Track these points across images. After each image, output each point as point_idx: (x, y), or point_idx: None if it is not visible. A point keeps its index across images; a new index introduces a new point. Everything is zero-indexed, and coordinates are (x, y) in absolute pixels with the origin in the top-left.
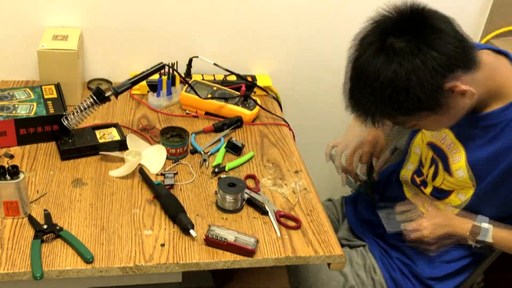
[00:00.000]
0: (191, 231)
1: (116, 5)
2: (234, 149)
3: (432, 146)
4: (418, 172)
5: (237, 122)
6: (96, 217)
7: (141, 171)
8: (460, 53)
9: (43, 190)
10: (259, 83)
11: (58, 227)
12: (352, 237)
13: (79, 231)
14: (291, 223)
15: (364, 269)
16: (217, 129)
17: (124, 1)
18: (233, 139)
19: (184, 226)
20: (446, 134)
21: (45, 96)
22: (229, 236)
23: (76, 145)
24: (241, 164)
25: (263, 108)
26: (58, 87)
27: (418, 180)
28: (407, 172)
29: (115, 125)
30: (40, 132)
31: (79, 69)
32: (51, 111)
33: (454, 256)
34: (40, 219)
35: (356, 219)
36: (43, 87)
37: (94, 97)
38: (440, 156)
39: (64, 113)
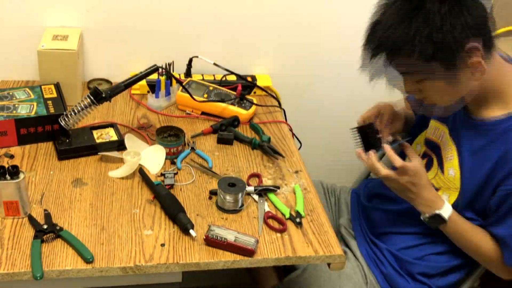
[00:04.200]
0: (191, 231)
1: (116, 5)
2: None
3: (428, 143)
4: None
5: (234, 122)
6: (96, 217)
7: (141, 171)
8: (487, 27)
9: (43, 190)
10: (259, 83)
11: (58, 227)
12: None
13: (79, 231)
14: (277, 225)
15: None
16: (215, 130)
17: (124, 1)
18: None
19: (184, 226)
20: (444, 132)
21: (45, 96)
22: (229, 236)
23: (73, 145)
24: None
25: (258, 105)
26: (57, 86)
27: None
28: None
29: (112, 125)
30: (40, 132)
31: (79, 69)
32: (52, 110)
33: (442, 249)
34: (40, 219)
35: (357, 209)
36: (42, 86)
37: (91, 97)
38: (435, 152)
39: (64, 113)
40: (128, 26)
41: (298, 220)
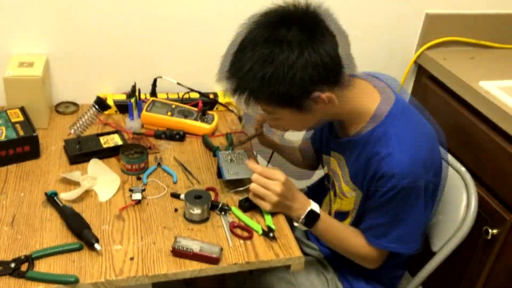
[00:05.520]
0: (96, 245)
1: (80, 31)
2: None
3: (326, 176)
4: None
5: (176, 135)
6: (67, 235)
7: (48, 197)
8: (334, 67)
9: (14, 212)
10: (220, 99)
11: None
12: (306, 239)
13: None
14: (244, 234)
15: (316, 271)
16: (157, 136)
17: (87, 27)
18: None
19: (89, 241)
20: (332, 161)
21: (12, 120)
22: (195, 246)
23: (82, 150)
24: None
25: (222, 104)
26: (23, 110)
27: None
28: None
29: (117, 132)
30: (12, 155)
31: (45, 94)
32: (21, 133)
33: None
34: (12, 244)
35: None
36: (8, 111)
37: (96, 106)
38: (331, 182)
39: (34, 134)
40: (93, 50)
41: (271, 235)
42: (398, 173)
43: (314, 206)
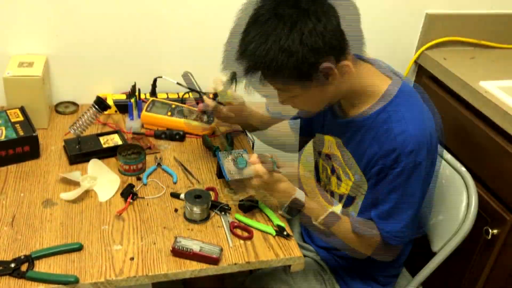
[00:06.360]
0: None
1: (80, 31)
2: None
3: (330, 156)
4: (318, 179)
5: (176, 135)
6: (67, 236)
7: None
8: (338, 38)
9: (14, 212)
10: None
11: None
12: (302, 241)
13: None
14: (244, 234)
15: (314, 272)
16: (157, 136)
17: (88, 27)
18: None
19: None
20: (332, 142)
21: (12, 120)
22: (195, 246)
23: (82, 150)
24: None
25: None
26: (23, 110)
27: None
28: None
29: (117, 132)
30: (11, 154)
31: (45, 94)
32: (21, 133)
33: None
34: (12, 242)
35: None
36: (8, 111)
37: (96, 106)
38: (337, 163)
39: (34, 134)
40: (93, 50)
41: (285, 233)
42: (412, 148)
43: (299, 193)
